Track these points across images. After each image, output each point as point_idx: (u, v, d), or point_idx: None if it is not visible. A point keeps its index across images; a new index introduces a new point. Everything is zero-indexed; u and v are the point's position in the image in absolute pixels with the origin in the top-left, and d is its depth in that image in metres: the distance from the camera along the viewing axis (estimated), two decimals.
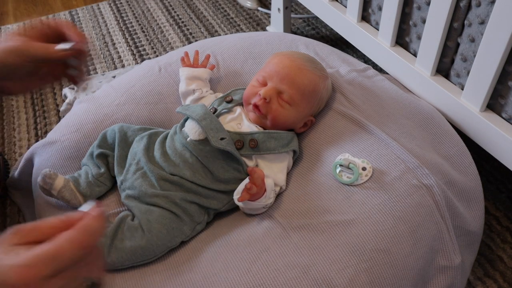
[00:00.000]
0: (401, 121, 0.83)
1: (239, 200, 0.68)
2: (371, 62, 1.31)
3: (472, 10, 0.80)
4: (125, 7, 1.82)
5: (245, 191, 0.67)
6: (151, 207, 0.71)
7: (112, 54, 1.58)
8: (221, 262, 0.66)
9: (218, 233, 0.72)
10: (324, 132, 0.82)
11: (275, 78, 0.77)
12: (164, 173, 0.73)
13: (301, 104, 0.78)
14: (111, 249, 0.67)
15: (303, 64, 0.80)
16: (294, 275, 0.63)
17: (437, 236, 0.70)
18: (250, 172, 0.67)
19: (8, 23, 1.79)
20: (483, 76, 0.80)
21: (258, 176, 0.68)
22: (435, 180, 0.72)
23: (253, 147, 0.74)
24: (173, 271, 0.67)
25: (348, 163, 0.73)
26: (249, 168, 0.68)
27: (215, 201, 0.74)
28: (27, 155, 0.94)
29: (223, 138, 0.73)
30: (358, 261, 0.64)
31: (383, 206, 0.69)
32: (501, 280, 0.90)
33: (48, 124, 1.30)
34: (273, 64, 0.80)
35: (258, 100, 0.76)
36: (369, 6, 1.05)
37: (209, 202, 0.73)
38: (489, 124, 0.83)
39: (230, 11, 1.77)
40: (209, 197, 0.73)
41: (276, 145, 0.75)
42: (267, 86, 0.78)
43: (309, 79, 0.79)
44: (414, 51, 0.98)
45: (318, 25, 1.66)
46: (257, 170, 0.68)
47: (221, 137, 0.73)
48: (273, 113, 0.76)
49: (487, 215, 0.99)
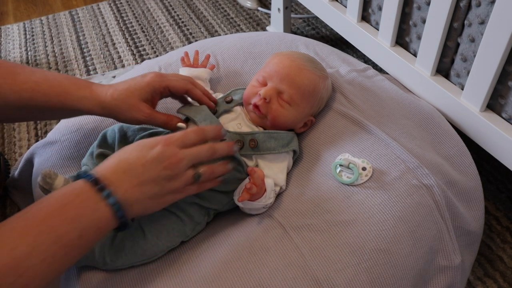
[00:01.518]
0: (401, 121, 0.83)
1: (239, 200, 0.68)
2: (371, 62, 1.31)
3: (472, 10, 0.80)
4: (125, 7, 1.82)
5: (245, 191, 0.67)
6: None
7: (112, 54, 1.58)
8: (221, 262, 0.66)
9: (218, 233, 0.72)
10: (324, 132, 0.82)
11: (275, 78, 0.77)
12: None
13: (301, 104, 0.78)
14: (111, 249, 0.67)
15: (303, 64, 0.80)
16: (294, 275, 0.63)
17: (437, 236, 0.70)
18: (250, 172, 0.67)
19: (8, 23, 1.79)
20: (483, 76, 0.80)
21: (258, 176, 0.68)
22: (435, 180, 0.72)
23: (253, 147, 0.74)
24: (173, 271, 0.67)
25: (348, 163, 0.73)
26: (249, 168, 0.68)
27: (215, 202, 0.73)
28: (27, 155, 0.94)
29: (223, 140, 0.73)
30: (358, 261, 0.64)
31: (383, 206, 0.69)
32: (501, 280, 0.90)
33: (48, 124, 1.30)
34: (273, 64, 0.80)
35: (258, 100, 0.76)
36: (369, 6, 1.05)
37: (209, 203, 0.73)
38: (489, 124, 0.83)
39: (230, 11, 1.77)
40: (209, 198, 0.72)
41: (276, 145, 0.75)
42: (267, 86, 0.77)
43: (309, 79, 0.79)
44: (414, 51, 0.98)
45: (318, 25, 1.66)
46: (257, 170, 0.68)
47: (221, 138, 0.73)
48: (273, 113, 0.76)
49: (487, 215, 0.99)
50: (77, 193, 0.55)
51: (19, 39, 1.68)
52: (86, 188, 0.55)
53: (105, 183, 0.56)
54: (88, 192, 0.55)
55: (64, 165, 0.84)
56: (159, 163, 0.59)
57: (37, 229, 0.51)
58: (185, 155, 0.61)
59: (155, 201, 0.60)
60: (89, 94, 0.70)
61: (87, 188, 0.55)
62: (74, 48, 1.62)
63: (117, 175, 0.57)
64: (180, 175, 0.61)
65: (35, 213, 0.53)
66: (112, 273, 0.68)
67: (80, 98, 0.70)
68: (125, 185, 0.57)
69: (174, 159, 0.60)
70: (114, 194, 0.56)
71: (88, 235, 0.54)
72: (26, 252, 0.49)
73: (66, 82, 0.71)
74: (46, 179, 0.73)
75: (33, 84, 0.69)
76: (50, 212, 0.53)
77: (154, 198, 0.60)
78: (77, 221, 0.53)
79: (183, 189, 0.63)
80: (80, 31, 1.70)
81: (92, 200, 0.55)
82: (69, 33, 1.70)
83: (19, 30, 1.73)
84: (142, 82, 0.71)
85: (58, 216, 0.53)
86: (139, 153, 0.59)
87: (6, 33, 1.72)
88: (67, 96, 0.70)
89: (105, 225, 0.56)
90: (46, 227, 0.52)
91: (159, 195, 0.60)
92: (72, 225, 0.53)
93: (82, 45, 1.63)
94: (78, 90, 0.70)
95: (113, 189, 0.56)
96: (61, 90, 0.70)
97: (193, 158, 0.62)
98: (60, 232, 0.52)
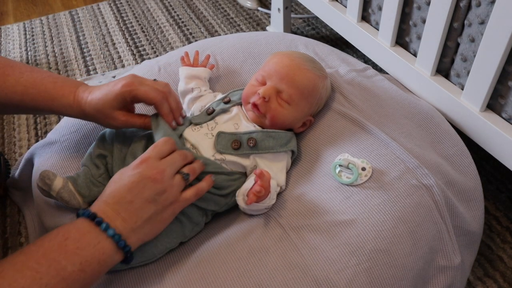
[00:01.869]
0: (401, 121, 0.83)
1: (248, 204, 0.68)
2: (371, 62, 1.31)
3: (472, 10, 0.80)
4: (125, 7, 1.82)
5: (253, 194, 0.66)
6: None
7: (112, 54, 1.58)
8: (220, 263, 0.66)
9: (216, 234, 0.72)
10: (324, 132, 0.82)
11: (274, 77, 0.77)
12: None
13: (300, 103, 0.78)
14: None
15: (303, 63, 0.80)
16: (294, 276, 0.63)
17: (437, 236, 0.70)
18: (260, 175, 0.67)
19: (8, 23, 1.79)
20: (483, 76, 0.80)
21: (267, 179, 0.68)
22: (434, 180, 0.72)
23: (252, 146, 0.74)
24: (172, 272, 0.67)
25: (348, 163, 0.73)
26: (258, 171, 0.67)
27: (213, 203, 0.73)
28: (27, 155, 0.94)
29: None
30: (357, 261, 0.64)
31: (382, 206, 0.69)
32: (501, 280, 0.90)
33: (48, 124, 1.30)
34: (273, 64, 0.80)
35: (257, 99, 0.76)
36: (369, 6, 1.05)
37: (206, 204, 0.73)
38: (489, 124, 0.82)
39: (230, 11, 1.77)
40: (207, 200, 0.72)
41: (275, 144, 0.75)
42: (266, 85, 0.77)
43: (308, 78, 0.78)
44: (414, 51, 0.97)
45: (318, 25, 1.66)
46: (265, 173, 0.68)
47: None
48: (272, 112, 0.76)
49: (487, 215, 0.99)
50: (77, 228, 0.57)
51: (19, 39, 1.68)
52: (86, 223, 0.57)
53: (102, 217, 0.58)
54: (88, 226, 0.57)
55: (63, 165, 0.84)
56: (146, 180, 0.61)
57: (37, 263, 0.52)
58: (165, 163, 0.64)
59: (155, 221, 0.62)
60: (72, 101, 0.72)
61: (87, 223, 0.57)
62: (74, 48, 1.62)
63: (111, 207, 0.60)
64: (170, 184, 0.63)
65: (36, 249, 0.54)
66: (112, 274, 0.68)
67: (64, 105, 0.72)
68: (121, 215, 0.59)
69: (157, 170, 0.62)
70: (112, 226, 0.57)
71: (91, 268, 0.55)
72: (25, 286, 0.49)
73: (51, 87, 0.72)
74: (45, 180, 0.73)
75: (22, 88, 0.71)
76: (51, 246, 0.54)
77: (154, 218, 0.62)
78: (79, 255, 0.54)
79: (180, 198, 0.64)
80: (80, 31, 1.70)
81: (92, 234, 0.57)
82: (69, 33, 1.70)
83: (19, 30, 1.73)
84: (113, 91, 0.71)
85: (58, 250, 0.54)
86: (124, 181, 0.62)
87: (6, 33, 1.72)
88: (53, 103, 0.73)
89: (108, 258, 0.57)
90: (46, 260, 0.52)
91: (158, 212, 0.62)
92: (73, 258, 0.54)
93: (82, 45, 1.63)
94: (62, 97, 0.72)
95: (109, 221, 0.58)
96: (47, 96, 0.72)
97: (173, 163, 0.65)
98: (61, 265, 0.53)
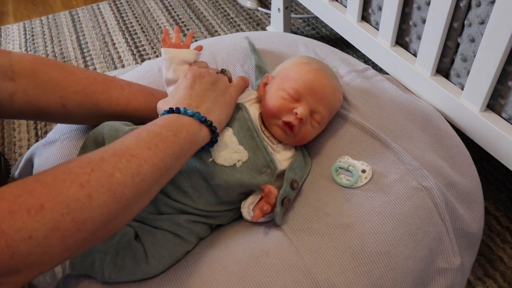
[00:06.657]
0: (401, 123, 0.83)
1: (254, 220, 0.67)
2: (371, 62, 1.31)
3: (472, 10, 0.80)
4: (125, 7, 1.82)
5: (259, 210, 0.66)
6: (154, 230, 0.69)
7: (112, 54, 1.58)
8: (221, 266, 0.66)
9: (217, 237, 0.72)
10: (323, 134, 0.82)
11: (310, 98, 0.71)
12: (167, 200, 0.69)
13: (327, 122, 0.78)
14: (110, 264, 0.65)
15: (336, 84, 0.77)
16: (294, 278, 0.63)
17: (437, 238, 0.70)
18: (267, 193, 0.66)
19: (8, 23, 1.79)
20: (483, 76, 0.80)
21: (274, 196, 0.67)
22: (434, 182, 0.72)
23: (295, 188, 0.71)
24: (172, 275, 0.66)
25: (348, 166, 0.73)
26: (267, 189, 0.66)
27: (220, 218, 0.73)
28: (27, 155, 0.94)
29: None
30: (358, 264, 0.64)
31: (382, 208, 0.69)
32: (501, 280, 0.90)
33: (48, 124, 1.30)
34: (309, 81, 0.73)
35: (294, 120, 0.70)
36: (369, 6, 1.05)
37: (214, 220, 0.72)
38: (489, 124, 0.82)
39: (230, 11, 1.77)
40: (214, 217, 0.71)
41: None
42: (302, 104, 0.71)
43: (340, 100, 0.78)
44: (414, 51, 0.97)
45: (318, 25, 1.65)
46: (272, 189, 0.67)
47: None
48: (304, 133, 0.73)
49: (487, 215, 0.99)
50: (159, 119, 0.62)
51: (19, 39, 1.68)
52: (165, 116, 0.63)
53: (184, 107, 0.64)
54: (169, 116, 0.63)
55: None
56: (198, 79, 0.69)
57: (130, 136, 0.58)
58: (207, 68, 0.74)
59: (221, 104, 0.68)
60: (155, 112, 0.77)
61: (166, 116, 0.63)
62: (74, 48, 1.62)
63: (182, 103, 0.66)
64: (216, 78, 0.71)
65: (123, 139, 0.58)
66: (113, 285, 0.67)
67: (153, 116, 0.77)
68: (192, 105, 0.66)
69: (204, 71, 0.71)
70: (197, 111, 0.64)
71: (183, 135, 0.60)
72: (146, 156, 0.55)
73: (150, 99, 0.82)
74: None
75: (124, 101, 0.80)
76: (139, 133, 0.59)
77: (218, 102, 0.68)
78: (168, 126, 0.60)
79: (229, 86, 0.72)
80: (80, 31, 1.70)
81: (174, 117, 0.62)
82: (69, 33, 1.70)
83: (19, 30, 1.73)
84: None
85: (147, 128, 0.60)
86: (182, 85, 0.69)
87: (6, 33, 1.72)
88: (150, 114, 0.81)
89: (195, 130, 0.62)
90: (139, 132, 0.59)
91: (219, 96, 0.69)
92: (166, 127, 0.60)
93: (82, 45, 1.63)
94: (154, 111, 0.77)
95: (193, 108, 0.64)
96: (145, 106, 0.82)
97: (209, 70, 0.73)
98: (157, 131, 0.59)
